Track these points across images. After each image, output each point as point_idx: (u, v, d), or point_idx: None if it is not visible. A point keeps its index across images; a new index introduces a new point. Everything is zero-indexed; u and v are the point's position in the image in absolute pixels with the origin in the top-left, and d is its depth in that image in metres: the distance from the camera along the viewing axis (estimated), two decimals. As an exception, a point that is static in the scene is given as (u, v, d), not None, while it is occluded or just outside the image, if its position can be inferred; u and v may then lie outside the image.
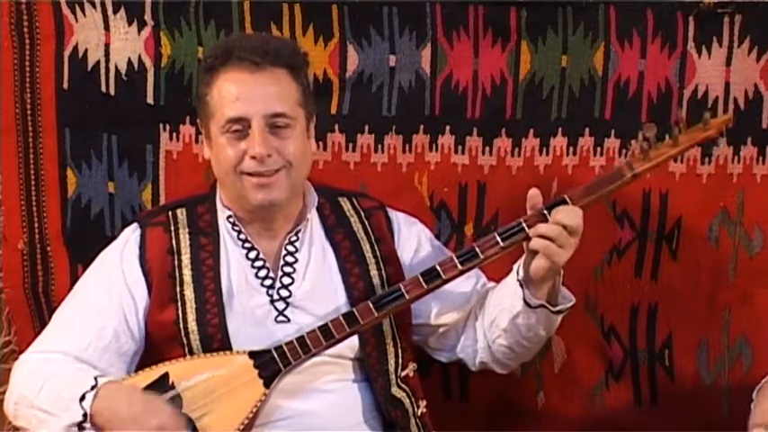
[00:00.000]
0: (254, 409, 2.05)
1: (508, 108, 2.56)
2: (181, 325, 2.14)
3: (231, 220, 2.22)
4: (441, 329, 2.32)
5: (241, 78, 2.13)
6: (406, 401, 2.22)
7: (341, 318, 2.10)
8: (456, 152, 2.56)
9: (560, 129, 2.56)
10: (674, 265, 2.61)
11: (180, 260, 2.19)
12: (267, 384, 2.07)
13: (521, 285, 2.16)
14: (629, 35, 2.53)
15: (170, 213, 2.25)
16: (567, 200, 2.12)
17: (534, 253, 2.10)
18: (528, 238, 2.11)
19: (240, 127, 2.12)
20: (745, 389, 2.25)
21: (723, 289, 2.61)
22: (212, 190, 2.28)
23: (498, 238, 2.12)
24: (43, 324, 2.34)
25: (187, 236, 2.21)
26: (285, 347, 2.09)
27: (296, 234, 2.23)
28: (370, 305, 2.12)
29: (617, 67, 2.55)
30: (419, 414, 2.25)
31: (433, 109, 2.55)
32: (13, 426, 2.24)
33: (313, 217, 2.26)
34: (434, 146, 2.56)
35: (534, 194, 2.13)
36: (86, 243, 2.49)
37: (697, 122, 2.17)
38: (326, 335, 2.09)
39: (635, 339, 2.64)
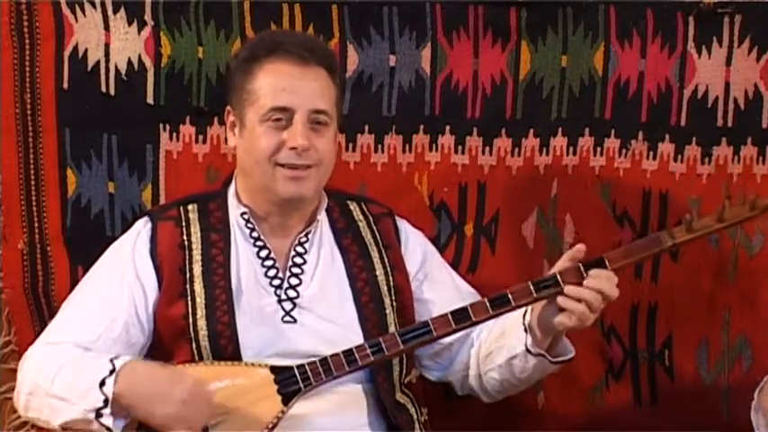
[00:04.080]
0: (271, 426, 2.04)
1: (508, 108, 2.56)
2: (190, 320, 2.13)
3: (245, 216, 2.21)
4: (436, 348, 2.31)
5: (288, 70, 2.14)
6: (411, 408, 2.22)
7: (366, 346, 2.09)
8: (456, 152, 2.56)
9: (560, 129, 2.57)
10: (674, 265, 2.61)
11: (191, 255, 2.18)
12: (285, 402, 2.06)
13: (525, 330, 2.15)
14: (629, 35, 2.54)
15: (181, 208, 2.25)
16: (606, 261, 2.12)
17: (561, 308, 2.09)
18: (561, 293, 2.09)
19: (282, 117, 2.13)
20: (745, 389, 2.25)
21: (723, 289, 2.61)
22: (224, 187, 2.28)
23: (532, 289, 2.10)
24: (43, 324, 2.34)
25: (198, 231, 2.21)
26: (308, 367, 2.07)
27: (306, 235, 2.23)
28: (397, 338, 2.10)
29: (617, 67, 2.55)
30: (423, 421, 2.25)
31: (433, 109, 2.55)
32: (14, 425, 2.24)
33: (323, 219, 2.27)
34: (434, 146, 2.56)
35: (579, 249, 2.12)
36: (86, 243, 2.49)
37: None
38: (350, 361, 2.08)
39: (635, 339, 2.64)
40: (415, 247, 2.34)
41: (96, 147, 2.53)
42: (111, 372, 1.99)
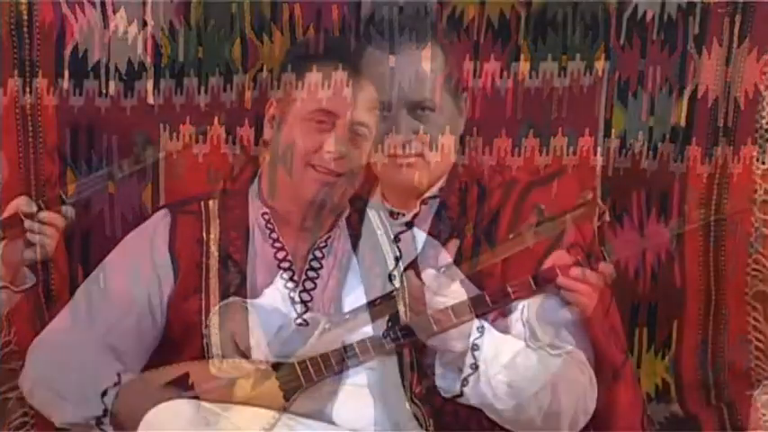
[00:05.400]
0: (272, 421, 2.05)
1: (508, 108, 2.56)
2: (203, 316, 2.14)
3: (266, 216, 2.22)
4: (449, 356, 2.31)
5: (342, 78, 2.18)
6: (420, 418, 2.22)
7: (367, 341, 2.11)
8: (456, 152, 2.56)
9: (560, 129, 2.57)
10: (674, 264, 2.61)
11: (208, 251, 2.19)
12: (287, 398, 2.08)
13: (524, 325, 2.17)
14: (630, 35, 2.54)
15: (202, 204, 2.25)
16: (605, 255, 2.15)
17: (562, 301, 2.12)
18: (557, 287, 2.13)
19: (325, 120, 2.15)
20: (745, 389, 2.25)
21: (723, 289, 2.61)
22: (246, 185, 2.28)
23: (532, 283, 2.14)
24: (43, 324, 2.34)
25: (217, 228, 2.22)
26: (308, 363, 2.09)
27: (325, 240, 2.23)
28: (398, 332, 2.13)
29: (617, 67, 2.55)
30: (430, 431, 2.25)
31: (434, 109, 2.56)
32: (14, 425, 2.24)
33: (342, 226, 2.27)
34: (434, 146, 2.56)
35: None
36: (86, 243, 2.49)
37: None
38: (351, 356, 2.10)
39: (635, 339, 2.64)
40: (431, 256, 2.34)
41: (96, 147, 2.53)
42: (116, 384, 1.99)
